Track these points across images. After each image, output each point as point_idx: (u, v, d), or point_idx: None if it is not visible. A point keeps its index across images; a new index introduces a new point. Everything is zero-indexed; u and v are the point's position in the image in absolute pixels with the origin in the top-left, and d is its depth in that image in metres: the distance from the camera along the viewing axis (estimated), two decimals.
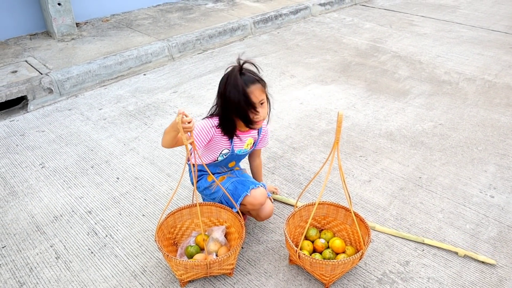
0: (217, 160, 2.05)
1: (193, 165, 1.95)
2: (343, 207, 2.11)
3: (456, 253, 2.10)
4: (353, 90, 3.76)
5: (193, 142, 1.79)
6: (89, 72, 3.80)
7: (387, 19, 5.80)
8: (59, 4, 4.36)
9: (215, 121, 1.95)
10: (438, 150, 2.92)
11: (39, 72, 3.68)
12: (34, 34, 4.62)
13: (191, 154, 1.97)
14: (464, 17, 5.90)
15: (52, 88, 3.59)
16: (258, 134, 2.12)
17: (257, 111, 1.87)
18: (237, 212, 1.99)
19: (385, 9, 6.26)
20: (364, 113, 3.38)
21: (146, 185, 2.59)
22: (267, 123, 2.10)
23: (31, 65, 3.84)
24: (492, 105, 3.51)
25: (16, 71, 3.70)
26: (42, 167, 2.75)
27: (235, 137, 2.01)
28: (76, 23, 4.80)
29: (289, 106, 3.49)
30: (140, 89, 3.79)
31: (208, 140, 1.96)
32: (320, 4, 6.02)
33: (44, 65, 3.83)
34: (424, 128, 3.19)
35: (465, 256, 2.08)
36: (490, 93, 3.72)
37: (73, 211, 2.38)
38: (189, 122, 1.70)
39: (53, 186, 2.58)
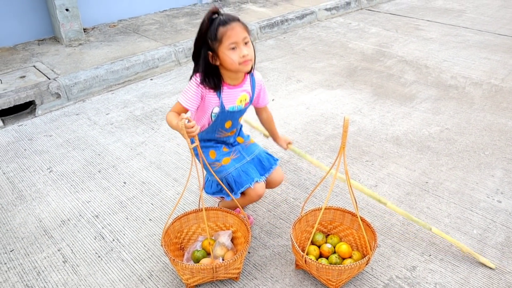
0: (211, 121, 1.96)
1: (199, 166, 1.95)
2: (349, 212, 2.10)
3: (461, 249, 2.09)
4: (359, 95, 3.76)
5: (198, 146, 1.80)
6: (96, 77, 3.83)
7: (393, 23, 5.80)
8: (67, 10, 4.41)
9: (199, 77, 1.86)
10: (445, 154, 2.92)
11: (47, 77, 3.72)
12: (42, 40, 4.67)
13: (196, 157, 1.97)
14: (471, 21, 5.89)
15: (60, 93, 3.62)
16: (252, 88, 2.00)
17: (233, 49, 1.77)
18: (236, 201, 1.95)
19: (391, 14, 6.26)
20: (370, 118, 3.38)
21: (153, 189, 2.60)
22: (254, 70, 1.99)
23: (39, 70, 3.87)
24: (499, 109, 3.49)
25: (24, 76, 3.74)
26: (50, 172, 2.77)
27: (224, 91, 1.90)
28: (84, 29, 4.85)
29: (295, 111, 3.49)
30: (147, 94, 3.81)
31: (200, 100, 1.89)
32: (326, 9, 6.03)
33: (52, 70, 3.87)
34: (431, 132, 3.18)
35: (468, 254, 2.07)
36: (497, 97, 3.70)
37: (80, 215, 2.40)
38: (192, 127, 1.70)
39: (61, 190, 2.60)
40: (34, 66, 3.97)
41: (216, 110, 1.91)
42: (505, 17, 6.11)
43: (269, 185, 2.15)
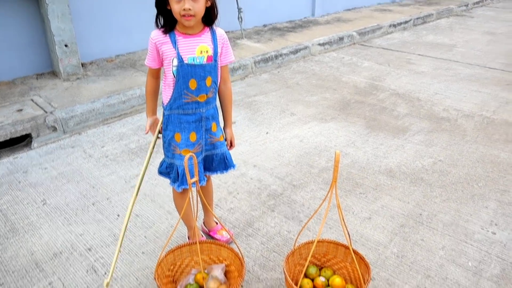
0: (174, 78, 1.89)
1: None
2: (342, 245, 2.10)
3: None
4: (352, 128, 3.81)
5: (197, 181, 1.82)
6: (92, 110, 3.87)
7: (385, 58, 5.94)
8: (66, 45, 4.50)
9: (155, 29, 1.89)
10: (438, 186, 2.93)
11: (44, 111, 3.76)
12: (41, 74, 4.74)
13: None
14: (461, 55, 6.03)
15: (56, 126, 3.65)
16: (213, 41, 1.92)
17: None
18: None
19: (383, 48, 6.41)
20: (363, 150, 3.41)
21: (147, 222, 2.59)
22: (218, 25, 1.97)
23: (37, 104, 3.92)
24: (491, 141, 3.54)
25: (21, 110, 3.78)
26: (44, 204, 2.76)
27: (179, 41, 1.86)
28: (82, 63, 4.93)
29: (289, 143, 3.53)
30: (142, 127, 3.85)
31: (156, 53, 1.91)
32: (320, 44, 6.18)
33: (49, 104, 3.91)
34: (424, 164, 3.20)
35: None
36: (488, 129, 3.76)
37: (73, 248, 2.38)
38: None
39: (54, 223, 2.59)
40: (31, 100, 4.01)
41: (175, 62, 1.86)
42: (494, 51, 6.27)
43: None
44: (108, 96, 4.08)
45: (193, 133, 1.99)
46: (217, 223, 2.45)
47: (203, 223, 2.47)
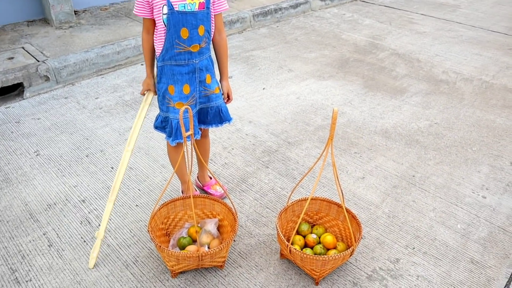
0: (165, 27, 1.80)
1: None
2: (335, 203, 2.12)
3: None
4: (350, 86, 3.77)
5: (192, 135, 1.79)
6: (86, 60, 3.78)
7: (387, 16, 5.79)
8: None
9: None
10: (433, 149, 2.94)
11: (36, 59, 3.66)
12: (32, 21, 4.59)
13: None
14: (464, 17, 5.89)
15: (49, 76, 3.57)
16: None
17: None
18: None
19: (385, 6, 6.25)
20: (360, 110, 3.39)
21: (140, 175, 2.59)
22: None
23: (28, 52, 3.81)
24: (488, 106, 3.52)
25: (12, 58, 3.68)
26: (37, 155, 2.75)
27: None
28: (75, 11, 4.77)
29: (285, 100, 3.49)
30: (137, 79, 3.78)
31: (147, 3, 1.81)
32: None
33: (41, 53, 3.81)
34: (420, 126, 3.20)
35: None
36: (487, 93, 3.73)
37: (66, 199, 2.39)
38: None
39: (47, 174, 2.58)
40: (23, 48, 3.91)
41: (165, 10, 1.77)
42: (499, 13, 6.13)
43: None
44: (102, 46, 3.98)
45: (187, 85, 1.94)
46: (211, 178, 2.46)
47: (197, 177, 2.47)
